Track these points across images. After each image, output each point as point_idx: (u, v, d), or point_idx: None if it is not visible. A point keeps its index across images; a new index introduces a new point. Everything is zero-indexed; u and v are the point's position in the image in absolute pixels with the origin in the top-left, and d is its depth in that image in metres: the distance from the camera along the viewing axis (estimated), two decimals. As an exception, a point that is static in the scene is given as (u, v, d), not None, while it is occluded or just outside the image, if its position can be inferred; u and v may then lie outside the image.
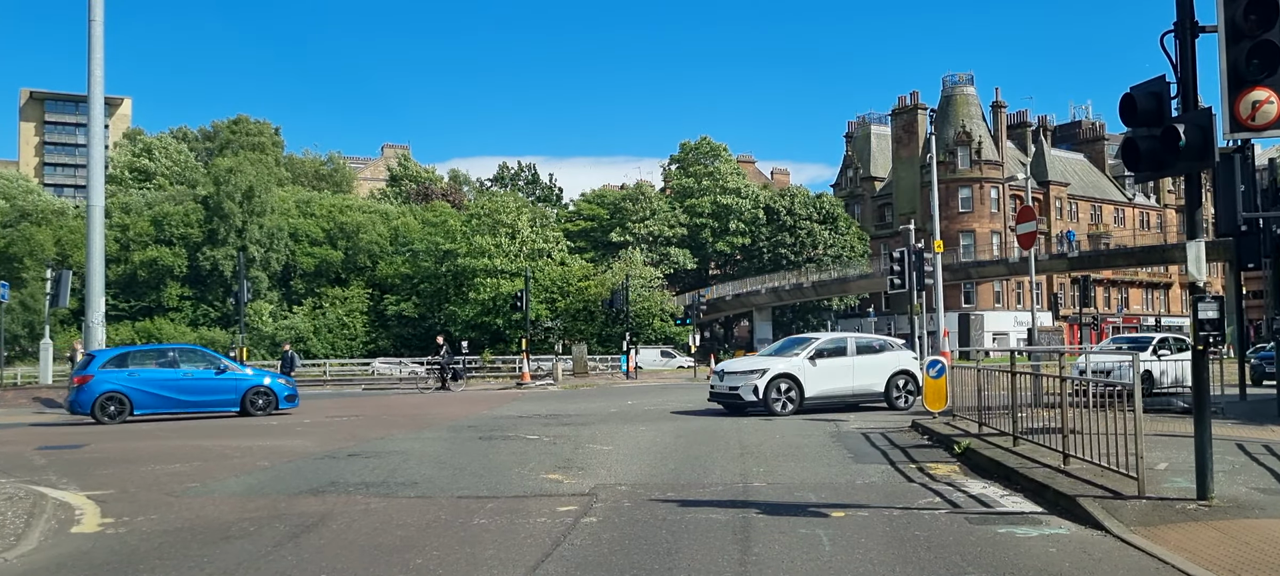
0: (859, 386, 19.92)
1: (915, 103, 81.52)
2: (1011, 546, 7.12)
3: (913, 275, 26.99)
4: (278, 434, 17.04)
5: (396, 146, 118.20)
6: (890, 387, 20.04)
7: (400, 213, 73.86)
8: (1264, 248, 10.35)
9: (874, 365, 20.16)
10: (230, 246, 60.26)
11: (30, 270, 56.32)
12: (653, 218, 75.25)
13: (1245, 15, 7.46)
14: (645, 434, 15.72)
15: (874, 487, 9.95)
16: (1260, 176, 21.83)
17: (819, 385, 19.46)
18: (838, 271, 73.91)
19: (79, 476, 11.54)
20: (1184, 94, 7.78)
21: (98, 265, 22.79)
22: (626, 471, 11.38)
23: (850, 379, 19.82)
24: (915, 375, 20.02)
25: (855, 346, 20.48)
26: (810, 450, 13.23)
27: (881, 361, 20.28)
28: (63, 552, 7.43)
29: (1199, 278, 7.88)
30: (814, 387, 19.38)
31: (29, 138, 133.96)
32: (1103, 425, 8.92)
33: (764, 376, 19.21)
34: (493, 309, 59.67)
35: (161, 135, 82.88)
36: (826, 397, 19.56)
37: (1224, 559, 6.36)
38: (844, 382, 19.75)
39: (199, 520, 8.63)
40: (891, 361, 20.33)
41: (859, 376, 19.93)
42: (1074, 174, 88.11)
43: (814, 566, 6.56)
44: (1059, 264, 70.22)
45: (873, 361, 20.22)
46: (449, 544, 7.45)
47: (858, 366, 19.98)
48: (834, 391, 19.65)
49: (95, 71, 22.52)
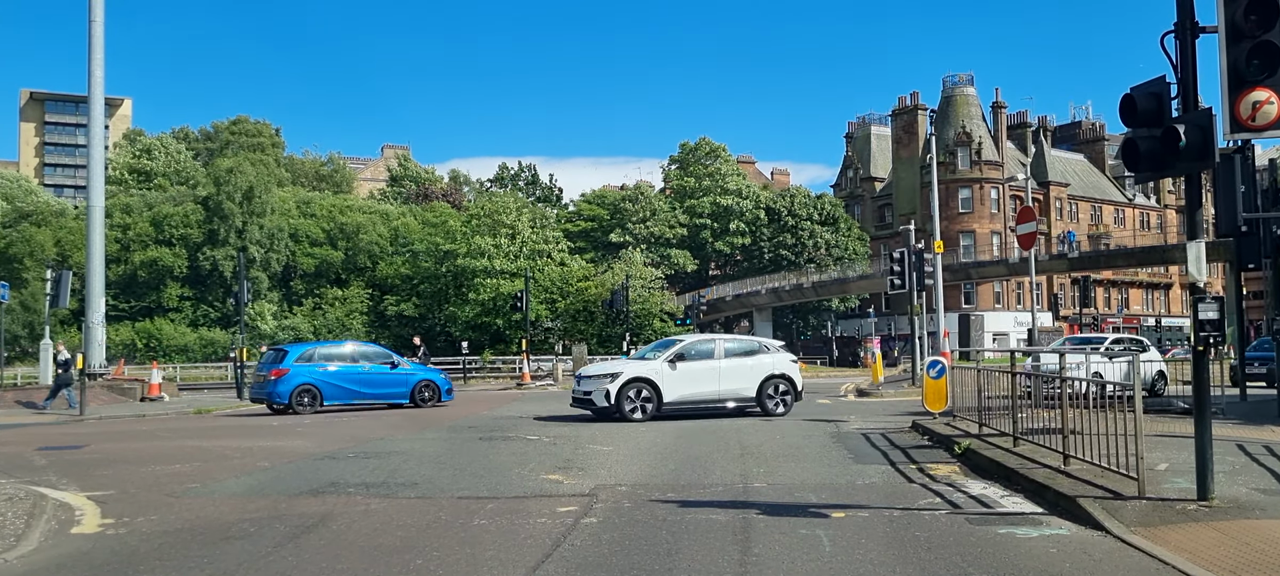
0: (727, 390, 19.00)
1: (915, 103, 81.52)
2: (1012, 547, 7.12)
3: (913, 275, 27.02)
4: (278, 434, 17.05)
5: (396, 147, 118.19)
6: (762, 392, 19.12)
7: (400, 213, 73.84)
8: (1264, 248, 10.37)
9: (744, 368, 19.22)
10: (230, 247, 60.24)
11: (30, 270, 56.30)
12: (653, 218, 75.25)
13: (1245, 16, 7.46)
14: (645, 434, 15.72)
15: (874, 488, 9.95)
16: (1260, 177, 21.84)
17: (679, 389, 18.62)
18: (838, 272, 73.91)
19: (79, 477, 11.54)
20: (1184, 94, 7.78)
21: (98, 265, 22.85)
22: (627, 472, 11.38)
23: (716, 383, 18.92)
24: (793, 379, 19.45)
25: (724, 349, 19.67)
26: (811, 450, 13.23)
27: (753, 365, 19.33)
28: (63, 553, 7.43)
29: (1199, 278, 7.88)
30: (673, 392, 18.56)
31: (29, 138, 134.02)
32: (1103, 425, 8.92)
33: (616, 381, 18.35)
34: (493, 309, 59.66)
35: (162, 135, 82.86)
36: (688, 402, 18.78)
37: (1224, 559, 6.36)
38: (708, 387, 18.87)
39: (199, 521, 8.63)
40: (764, 365, 19.40)
41: (726, 380, 19.01)
42: (1074, 174, 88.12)
43: (814, 567, 6.56)
44: (1059, 264, 70.22)
45: (743, 365, 19.28)
46: (449, 544, 7.45)
47: (725, 370, 19.06)
48: (697, 396, 18.82)
49: (95, 72, 22.55)
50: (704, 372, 18.95)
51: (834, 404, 23.47)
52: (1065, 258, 70.11)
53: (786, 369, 19.67)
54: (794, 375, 19.60)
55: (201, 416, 23.23)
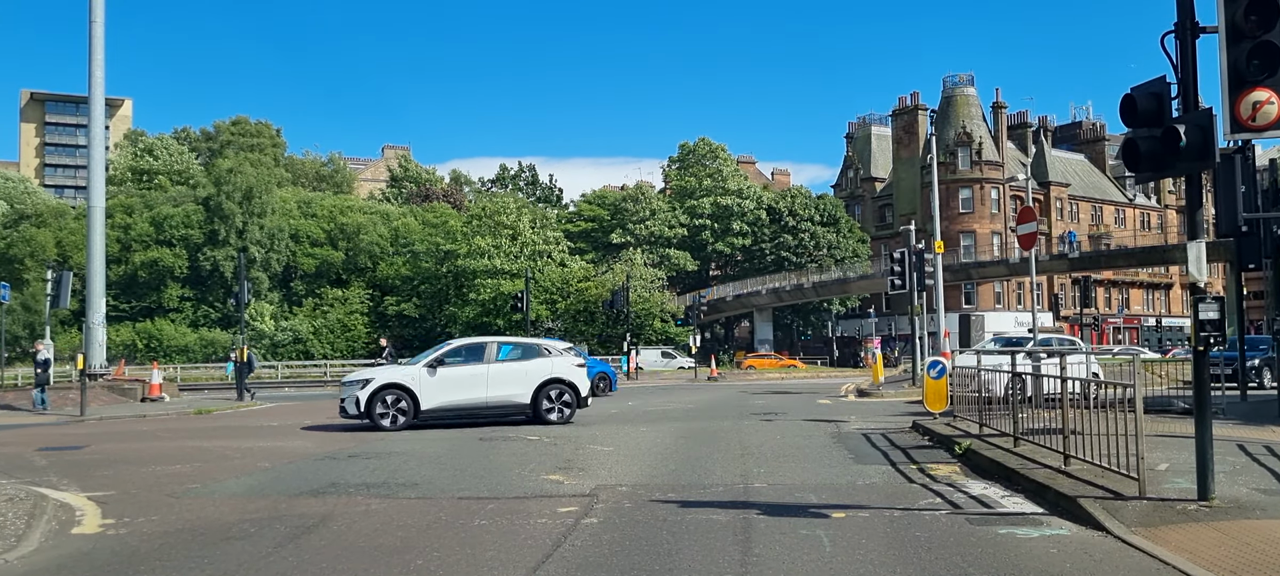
0: (496, 397, 17.84)
1: (916, 103, 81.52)
2: (1012, 547, 7.12)
3: (913, 276, 27.03)
4: (278, 435, 17.06)
5: (397, 147, 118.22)
6: (538, 399, 17.91)
7: (401, 213, 73.89)
8: (1264, 248, 10.35)
9: (517, 373, 18.02)
10: (231, 247, 60.27)
11: (31, 271, 56.36)
12: (653, 218, 75.26)
13: (1246, 16, 7.46)
14: (646, 435, 15.73)
15: (875, 488, 9.95)
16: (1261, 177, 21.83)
17: (439, 397, 17.44)
18: (838, 272, 73.92)
19: (79, 477, 11.55)
20: (1184, 94, 7.78)
21: (98, 266, 22.86)
22: (627, 472, 11.38)
23: (483, 389, 17.74)
24: (574, 383, 18.22)
25: (496, 352, 18.42)
26: (811, 451, 13.23)
27: (528, 369, 18.09)
28: (63, 553, 7.43)
29: (1200, 278, 7.88)
30: (433, 399, 17.39)
31: (29, 138, 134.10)
32: (1103, 426, 8.92)
33: (367, 387, 17.22)
34: (493, 310, 59.69)
35: (162, 136, 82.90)
36: (451, 410, 17.64)
37: (1225, 560, 6.36)
38: (475, 393, 17.71)
39: (200, 521, 8.63)
40: (541, 369, 18.14)
41: (496, 386, 17.83)
42: (1074, 174, 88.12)
43: (815, 567, 6.56)
44: (1060, 264, 70.23)
45: (516, 370, 18.07)
46: (450, 545, 7.45)
47: (495, 375, 17.88)
48: (461, 403, 17.67)
49: (96, 72, 22.56)
50: (469, 378, 17.75)
51: (834, 404, 23.47)
52: (1066, 258, 70.11)
53: (567, 373, 18.33)
54: (577, 379, 18.33)
55: (202, 417, 23.24)
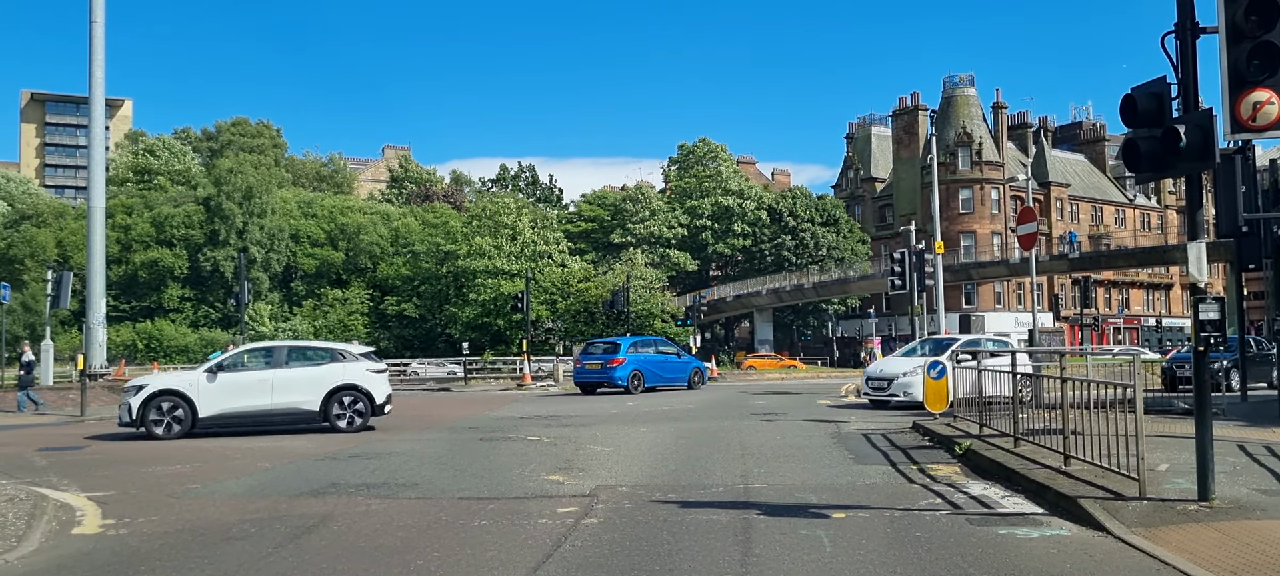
0: (282, 404, 17.06)
1: (916, 104, 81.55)
2: (1012, 547, 7.11)
3: (913, 276, 27.03)
4: (278, 435, 17.05)
5: (397, 148, 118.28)
6: (328, 405, 17.17)
7: (401, 214, 73.91)
8: (1265, 249, 10.35)
9: (306, 379, 17.30)
10: (231, 247, 60.29)
11: (31, 271, 56.39)
12: (653, 218, 75.28)
13: (1246, 16, 7.46)
14: (646, 435, 15.73)
15: (875, 489, 9.94)
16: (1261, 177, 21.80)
17: (220, 403, 16.74)
18: (839, 272, 73.93)
19: (80, 477, 11.55)
20: (1185, 95, 7.78)
21: (98, 266, 22.85)
22: (627, 472, 11.38)
23: (267, 396, 17.01)
24: (367, 390, 17.42)
25: (286, 356, 17.88)
26: (811, 451, 13.23)
27: (318, 375, 17.39)
28: (64, 554, 7.43)
29: (1200, 278, 7.87)
30: (212, 406, 16.69)
31: (30, 139, 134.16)
32: (1104, 426, 8.92)
33: (140, 394, 16.60)
34: (493, 310, 59.70)
35: (163, 136, 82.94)
36: (233, 417, 16.89)
37: (1225, 560, 6.36)
38: (259, 400, 16.99)
39: (200, 521, 8.63)
40: (332, 375, 17.40)
41: (282, 392, 17.09)
42: (1075, 175, 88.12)
43: (815, 567, 6.56)
44: (1060, 265, 70.22)
45: (305, 375, 17.36)
46: (450, 545, 7.45)
47: (281, 381, 17.17)
48: (244, 410, 16.90)
49: (96, 73, 22.57)
50: (253, 384, 17.09)
51: (834, 404, 23.45)
52: (1066, 258, 70.10)
53: (361, 379, 17.53)
54: (372, 385, 17.53)
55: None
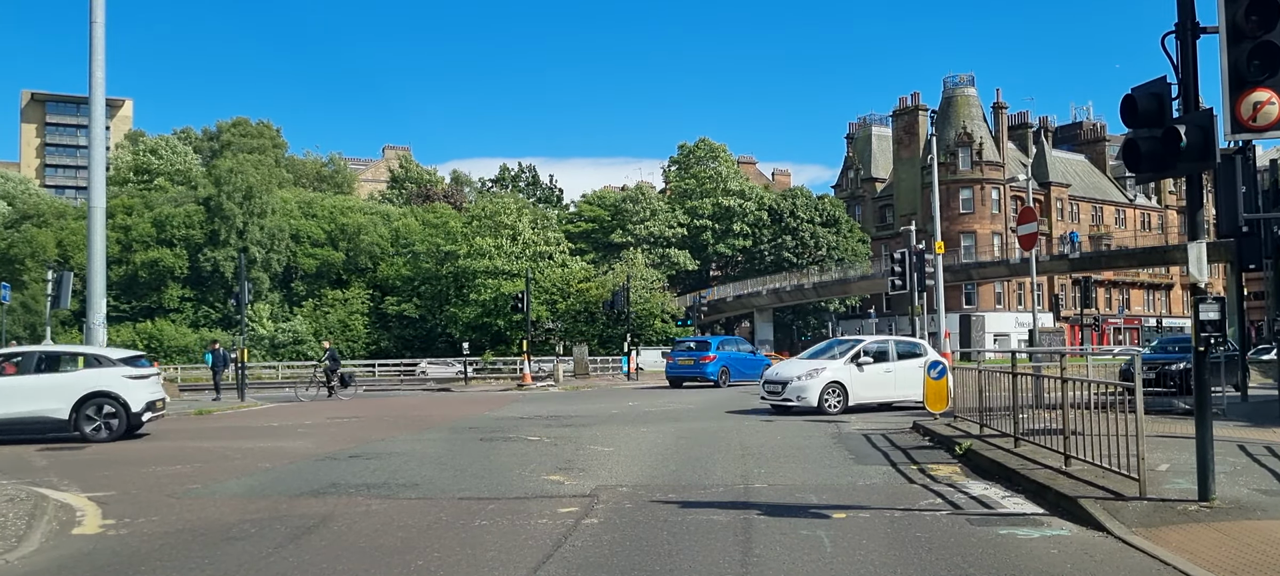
0: (27, 411, 15.98)
1: (916, 104, 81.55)
2: (1013, 547, 7.12)
3: (914, 276, 26.99)
4: (279, 435, 17.06)
5: (397, 148, 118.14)
6: (79, 413, 16.05)
7: (401, 214, 73.88)
8: (1265, 249, 10.34)
9: (54, 386, 16.20)
10: (231, 247, 60.25)
11: (31, 271, 56.38)
12: (653, 218, 75.26)
13: (1246, 16, 7.46)
14: (646, 435, 15.73)
15: (875, 489, 9.95)
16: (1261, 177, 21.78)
17: None
18: (839, 273, 73.94)
19: (80, 478, 11.55)
20: (1185, 95, 7.78)
21: (99, 266, 22.77)
22: (628, 472, 11.38)
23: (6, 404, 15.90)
24: (122, 398, 16.24)
25: (35, 362, 16.70)
26: (811, 452, 13.23)
27: (68, 381, 16.33)
28: (64, 554, 7.43)
29: (1200, 279, 7.87)
30: None
31: (30, 139, 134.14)
32: (1104, 426, 8.92)
33: None
34: (494, 310, 59.69)
35: (164, 136, 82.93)
36: None
37: (1225, 560, 6.36)
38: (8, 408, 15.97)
39: (200, 521, 8.63)
40: (84, 381, 16.31)
41: (26, 400, 16.00)
42: (1075, 175, 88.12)
43: (815, 567, 6.56)
44: (1060, 265, 70.21)
45: (53, 382, 16.29)
46: (450, 545, 7.45)
47: (26, 388, 16.05)
48: None
49: (96, 73, 22.53)
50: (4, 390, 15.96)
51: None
52: (1066, 258, 70.09)
53: (115, 385, 16.34)
54: (127, 393, 16.32)
55: (202, 417, 23.23)
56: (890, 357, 20.13)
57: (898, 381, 19.65)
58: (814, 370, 19.66)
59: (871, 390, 19.54)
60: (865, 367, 19.62)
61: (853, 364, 19.66)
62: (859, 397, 19.34)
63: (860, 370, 19.57)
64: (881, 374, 19.68)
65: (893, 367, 19.83)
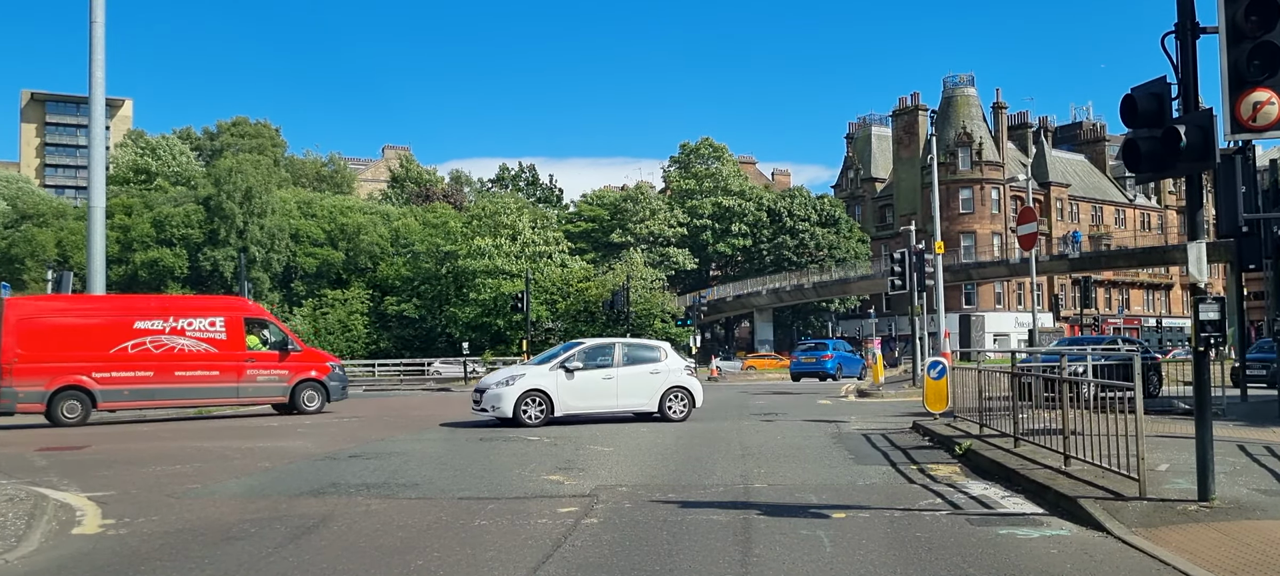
0: None
1: (916, 104, 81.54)
2: (1012, 547, 7.12)
3: (913, 276, 27.03)
4: (279, 435, 17.06)
5: (397, 147, 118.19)
6: None
7: (401, 214, 73.88)
8: (1265, 249, 10.35)
9: None
10: (231, 247, 60.26)
11: (31, 271, 56.39)
12: (653, 218, 75.27)
13: (1246, 16, 7.46)
14: (646, 435, 15.73)
15: (875, 489, 9.95)
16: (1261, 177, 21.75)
17: None
18: (839, 273, 73.95)
19: (80, 477, 11.54)
20: (1185, 95, 7.78)
21: (99, 266, 22.78)
22: (627, 472, 11.38)
23: None
24: None
25: None
26: (811, 452, 13.23)
27: None
28: (64, 554, 7.43)
29: (1200, 279, 7.88)
30: None
31: (30, 139, 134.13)
32: (1104, 426, 8.92)
33: None
34: (493, 310, 59.66)
35: (164, 135, 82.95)
36: None
37: (1225, 560, 6.36)
38: None
39: (200, 521, 8.63)
40: None
41: None
42: (1075, 175, 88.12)
43: (815, 567, 6.56)
44: (1060, 265, 70.22)
45: None
46: (450, 545, 7.45)
47: None
48: None
49: (96, 73, 22.53)
50: None
51: (834, 404, 23.46)
52: (1066, 258, 70.10)
53: None
54: None
55: (202, 417, 23.25)
56: (614, 363, 18.11)
57: (620, 390, 17.82)
58: (511, 376, 17.90)
59: (584, 399, 17.64)
60: (576, 374, 17.62)
61: (561, 369, 17.65)
62: (567, 408, 17.49)
63: (569, 377, 17.55)
64: (599, 381, 17.77)
65: (615, 375, 17.86)
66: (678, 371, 18.27)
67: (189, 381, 21.20)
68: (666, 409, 17.92)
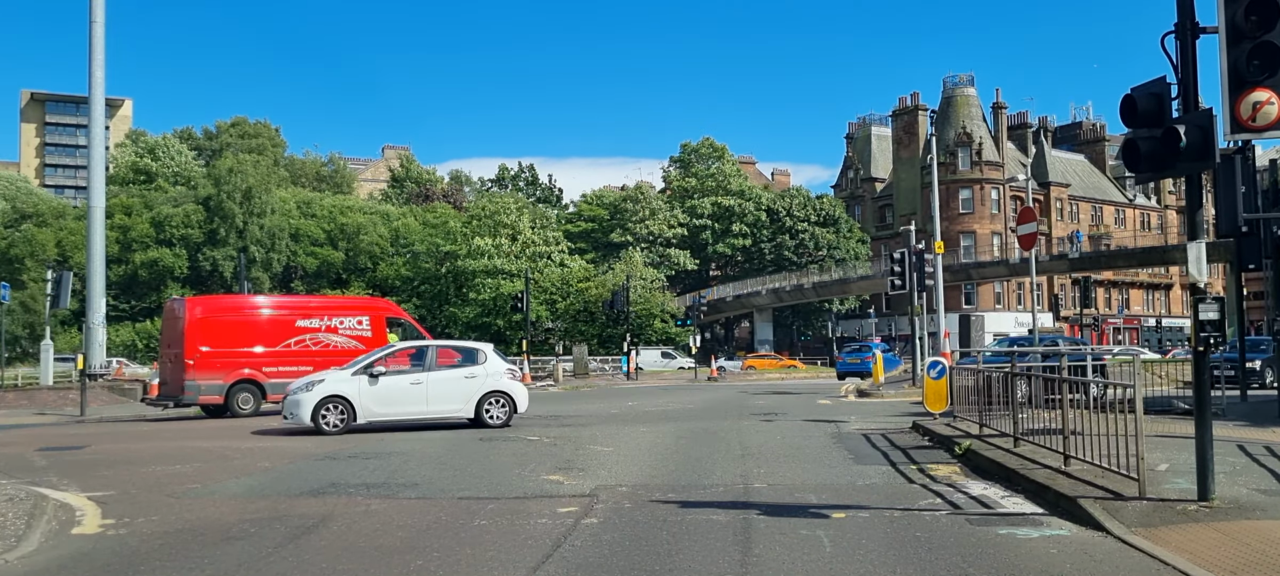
0: None
1: (916, 103, 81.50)
2: (1012, 547, 7.12)
3: (913, 276, 27.02)
4: (278, 435, 17.06)
5: (397, 147, 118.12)
6: None
7: (401, 214, 73.89)
8: (1265, 249, 10.35)
9: None
10: (231, 247, 60.26)
11: (31, 271, 56.35)
12: (653, 218, 75.27)
13: (1246, 16, 7.46)
14: (646, 435, 15.73)
15: (875, 489, 9.95)
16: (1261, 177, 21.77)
17: None
18: (839, 272, 73.94)
19: (79, 477, 11.55)
20: (1184, 95, 7.78)
21: (98, 266, 22.84)
22: (627, 472, 11.38)
23: None
24: None
25: None
26: (811, 452, 13.23)
27: None
28: (63, 553, 7.43)
29: (1200, 279, 7.88)
30: None
31: (30, 139, 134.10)
32: (1104, 426, 8.92)
33: None
34: (493, 310, 59.67)
35: (165, 136, 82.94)
36: None
37: (1225, 560, 6.36)
38: None
39: (200, 521, 8.63)
40: None
41: None
42: (1075, 175, 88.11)
43: (815, 567, 6.57)
44: (1060, 265, 70.22)
45: None
46: (450, 545, 7.45)
47: None
48: None
49: (96, 73, 22.55)
50: None
51: (834, 404, 23.47)
52: (1066, 258, 70.09)
53: None
54: None
55: (202, 417, 23.26)
56: (425, 366, 17.36)
57: (430, 395, 17.03)
58: (312, 382, 17.07)
59: (390, 406, 16.88)
60: (381, 379, 16.85)
61: (365, 374, 16.87)
62: (371, 414, 16.75)
63: (373, 382, 16.76)
64: (406, 386, 17.02)
65: (425, 379, 17.06)
66: (498, 375, 17.38)
67: None
68: (485, 414, 17.10)
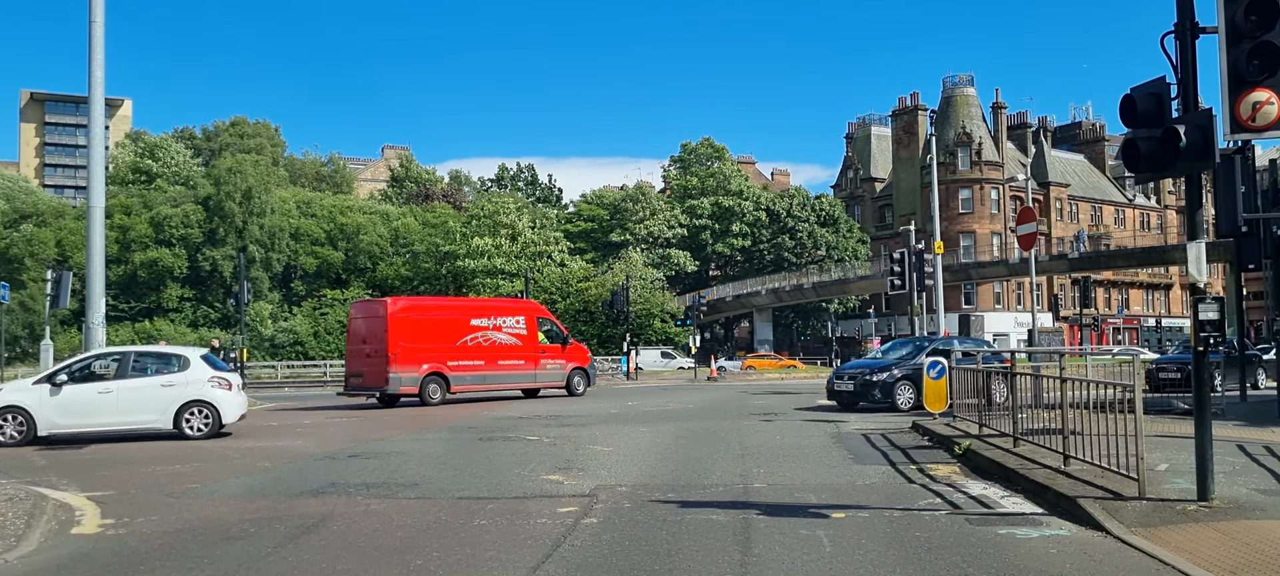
0: None
1: (915, 103, 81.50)
2: (1012, 547, 7.12)
3: (913, 276, 27.04)
4: (278, 435, 17.06)
5: (397, 147, 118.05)
6: None
7: (400, 213, 73.85)
8: (1264, 249, 10.36)
9: None
10: (230, 247, 60.21)
11: (31, 271, 56.32)
12: (653, 218, 75.23)
13: (1246, 16, 7.47)
14: (646, 435, 15.73)
15: (874, 488, 9.95)
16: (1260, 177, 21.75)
17: None
18: (838, 272, 73.93)
19: (79, 477, 11.55)
20: (1184, 95, 7.78)
21: (98, 266, 22.75)
22: (627, 472, 11.38)
23: None
24: None
25: None
26: (811, 451, 13.23)
27: None
28: (63, 553, 7.43)
29: (1200, 278, 7.88)
30: None
31: (29, 138, 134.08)
32: (1103, 426, 8.92)
33: None
34: (493, 310, 59.62)
35: (164, 136, 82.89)
36: None
37: (1225, 560, 6.36)
38: None
39: (200, 521, 8.63)
40: None
41: None
42: (1074, 175, 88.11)
43: (814, 567, 6.57)
44: (1059, 265, 70.21)
45: None
46: (449, 545, 7.45)
47: None
48: None
49: (96, 72, 22.51)
50: None
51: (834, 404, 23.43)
52: (1065, 258, 70.10)
53: None
54: None
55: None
56: (115, 375, 16.40)
57: (120, 405, 16.04)
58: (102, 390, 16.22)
59: (74, 417, 15.82)
60: (64, 388, 15.81)
61: (46, 383, 15.97)
62: (54, 426, 15.64)
63: (56, 392, 15.75)
64: (93, 396, 16.00)
65: (114, 388, 16.09)
66: (200, 383, 16.46)
67: (507, 369, 25.90)
68: (184, 424, 16.21)
